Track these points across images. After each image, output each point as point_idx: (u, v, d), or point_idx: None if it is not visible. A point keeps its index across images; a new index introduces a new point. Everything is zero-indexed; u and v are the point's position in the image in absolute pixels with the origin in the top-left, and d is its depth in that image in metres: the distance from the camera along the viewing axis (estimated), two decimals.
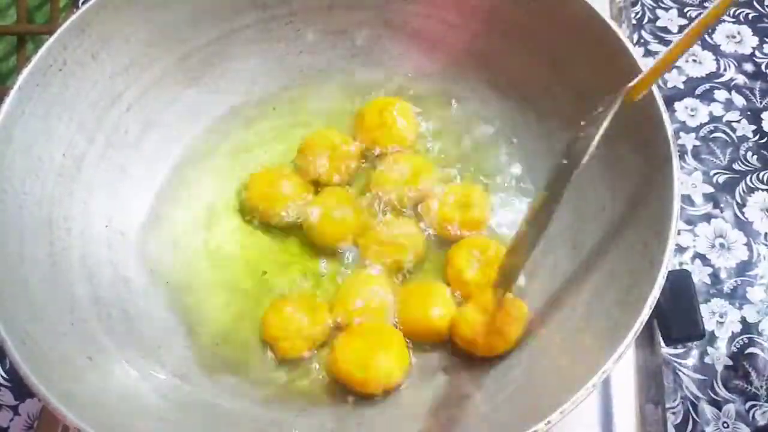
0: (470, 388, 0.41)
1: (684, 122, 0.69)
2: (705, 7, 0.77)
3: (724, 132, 0.68)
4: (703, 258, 0.62)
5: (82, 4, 0.44)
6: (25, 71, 0.41)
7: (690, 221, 0.63)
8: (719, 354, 0.57)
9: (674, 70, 0.72)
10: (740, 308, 0.59)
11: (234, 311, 0.46)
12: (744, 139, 0.68)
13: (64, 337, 0.39)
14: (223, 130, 0.52)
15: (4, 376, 0.58)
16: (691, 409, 0.55)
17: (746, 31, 0.74)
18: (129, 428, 0.37)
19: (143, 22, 0.47)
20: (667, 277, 0.35)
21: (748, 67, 0.71)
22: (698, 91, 0.70)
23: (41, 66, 0.42)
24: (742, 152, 0.67)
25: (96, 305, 0.43)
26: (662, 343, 0.50)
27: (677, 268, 0.58)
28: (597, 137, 0.34)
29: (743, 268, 0.61)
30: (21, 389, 0.58)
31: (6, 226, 0.40)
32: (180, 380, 0.42)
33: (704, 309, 0.59)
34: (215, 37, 0.50)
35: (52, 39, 0.43)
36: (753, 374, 0.56)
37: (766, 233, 0.63)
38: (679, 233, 0.49)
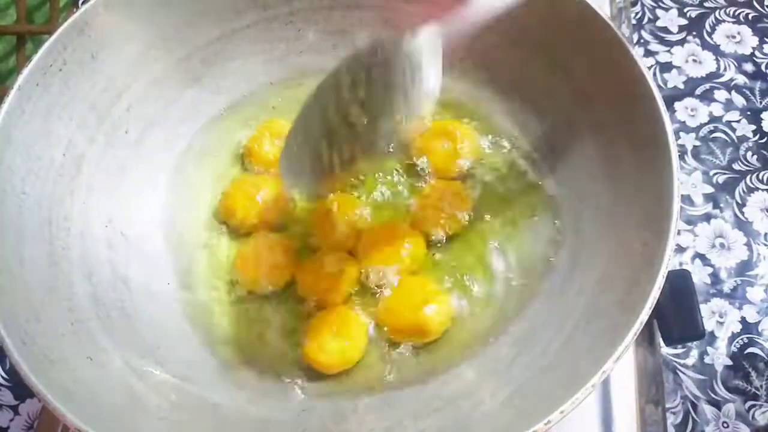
0: (470, 387, 0.41)
1: (684, 122, 0.69)
2: (705, 7, 0.77)
3: (724, 132, 0.68)
4: (703, 258, 0.62)
5: (82, 3, 0.44)
6: (25, 71, 0.42)
7: (690, 221, 0.63)
8: (719, 354, 0.57)
9: (674, 70, 0.72)
10: (740, 308, 0.59)
11: (234, 311, 0.46)
12: (744, 139, 0.68)
13: (64, 337, 0.39)
14: (223, 130, 0.52)
15: (4, 376, 0.58)
16: (691, 409, 0.55)
17: (746, 31, 0.74)
18: (129, 428, 0.37)
19: (143, 22, 0.47)
20: (666, 277, 0.36)
21: (748, 67, 0.71)
22: (698, 91, 0.71)
23: (41, 66, 0.42)
24: (741, 152, 0.67)
25: (96, 305, 0.43)
26: (662, 343, 0.51)
27: (677, 268, 0.58)
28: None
29: (743, 267, 0.61)
30: (21, 389, 0.58)
31: (5, 226, 0.40)
32: (180, 380, 0.42)
33: (704, 309, 0.59)
34: (216, 37, 0.51)
35: (51, 39, 0.43)
36: (753, 374, 0.56)
37: (765, 233, 0.63)
38: (679, 233, 0.49)
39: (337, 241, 0.47)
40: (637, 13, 0.76)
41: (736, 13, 0.76)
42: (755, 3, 0.76)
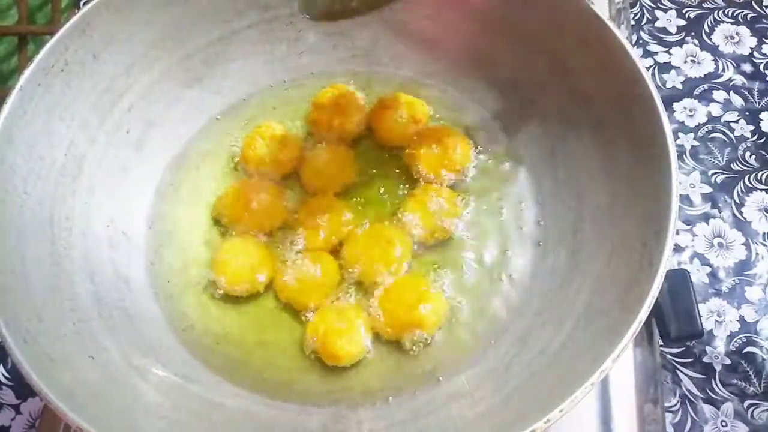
0: (469, 387, 0.42)
1: (682, 122, 0.69)
2: (703, 8, 0.77)
3: (723, 132, 0.68)
4: (701, 257, 0.62)
5: (84, 4, 0.44)
6: (27, 71, 0.42)
7: (688, 221, 0.63)
8: (718, 353, 0.57)
9: (673, 71, 0.72)
10: (738, 307, 0.60)
11: (234, 310, 0.46)
12: (742, 139, 0.68)
13: (66, 337, 0.39)
14: (223, 130, 0.52)
15: (6, 375, 0.58)
16: (689, 408, 0.55)
17: (744, 31, 0.74)
18: (130, 427, 0.37)
19: (144, 23, 0.47)
20: (665, 276, 0.36)
21: (747, 67, 0.72)
22: (697, 92, 0.71)
23: (43, 66, 0.42)
24: (740, 152, 0.67)
25: (97, 304, 0.43)
26: (661, 343, 0.51)
27: (676, 267, 0.58)
28: None
29: (741, 267, 0.61)
30: (23, 388, 0.58)
31: (7, 226, 0.40)
32: (180, 379, 0.42)
33: (703, 308, 0.59)
34: (216, 38, 0.51)
35: (53, 39, 0.43)
36: (751, 373, 0.57)
37: (764, 233, 0.63)
38: (677, 233, 0.49)
39: (322, 242, 0.47)
40: (636, 14, 0.76)
41: (735, 13, 0.76)
42: (754, 3, 0.76)
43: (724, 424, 0.55)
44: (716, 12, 0.76)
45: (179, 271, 0.47)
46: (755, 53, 0.73)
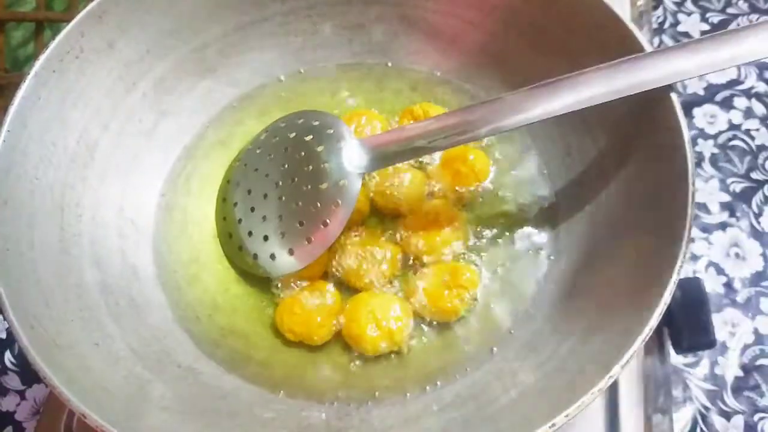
0: (473, 390, 0.41)
1: (702, 129, 0.68)
2: (727, 13, 0.76)
3: (743, 140, 0.67)
4: (717, 267, 0.61)
5: None
6: (42, 58, 0.42)
7: (705, 229, 0.62)
8: (730, 364, 0.57)
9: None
10: (753, 319, 0.59)
11: (242, 303, 0.46)
12: (763, 148, 0.67)
13: (72, 323, 0.39)
14: (236, 121, 0.52)
15: (13, 360, 0.59)
16: (699, 419, 0.55)
17: None
18: (133, 416, 0.37)
19: (161, 12, 0.47)
20: (680, 285, 0.35)
21: None
22: (718, 98, 0.70)
23: (58, 53, 0.42)
24: (760, 161, 0.66)
25: (104, 292, 0.43)
26: (672, 352, 0.50)
27: (690, 276, 0.58)
28: None
29: (758, 278, 0.60)
30: (28, 374, 0.58)
31: (17, 211, 0.40)
32: (185, 370, 0.42)
33: (717, 318, 0.58)
34: (232, 29, 0.51)
35: (69, 26, 0.43)
36: (764, 386, 0.56)
37: None
38: (693, 241, 0.49)
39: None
40: (658, 17, 0.76)
41: (759, 20, 0.75)
42: None
43: None
44: (740, 17, 0.75)
45: (187, 263, 0.47)
46: None
